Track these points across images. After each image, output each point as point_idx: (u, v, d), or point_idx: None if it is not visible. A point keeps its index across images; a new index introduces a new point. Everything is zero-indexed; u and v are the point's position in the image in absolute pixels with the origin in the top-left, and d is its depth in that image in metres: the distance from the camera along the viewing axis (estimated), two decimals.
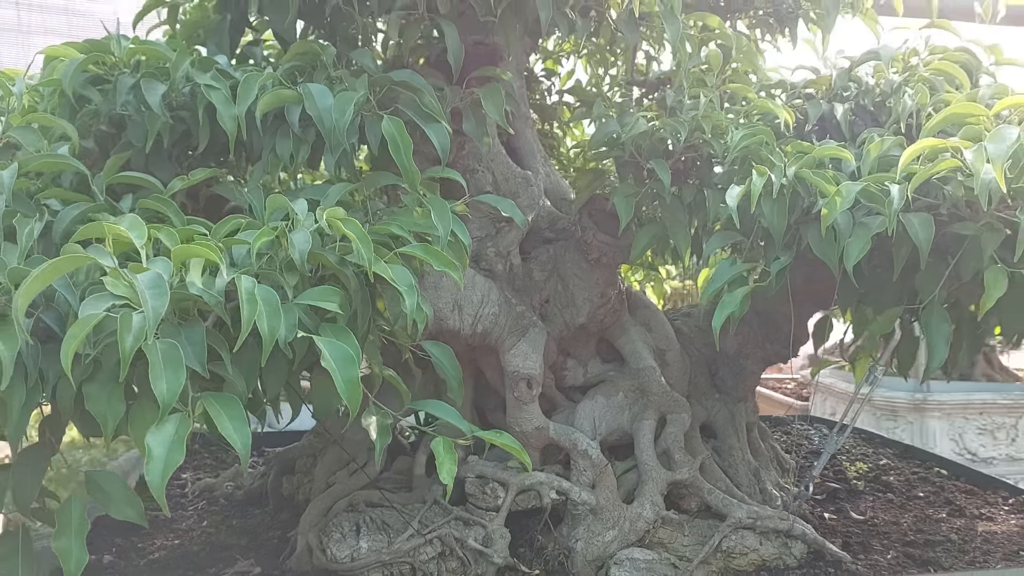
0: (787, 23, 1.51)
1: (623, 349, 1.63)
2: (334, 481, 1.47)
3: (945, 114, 1.04)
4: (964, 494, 1.81)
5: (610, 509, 1.39)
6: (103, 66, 1.14)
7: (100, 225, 0.79)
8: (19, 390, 0.77)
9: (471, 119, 1.20)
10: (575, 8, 1.22)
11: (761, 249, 1.19)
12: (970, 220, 1.01)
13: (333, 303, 0.87)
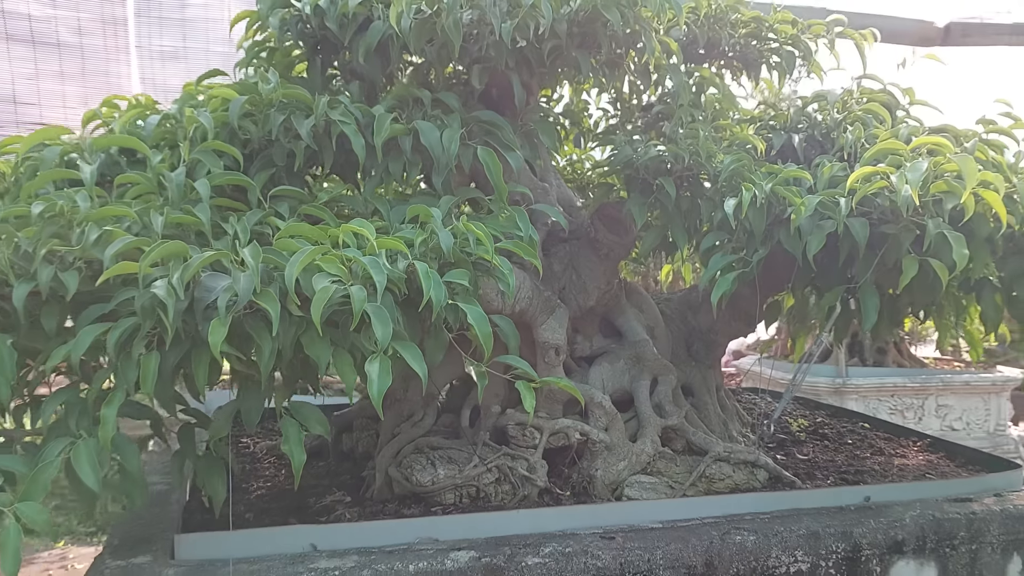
0: (752, 68, 1.93)
1: (621, 327, 2.03)
2: (399, 431, 1.82)
3: (876, 148, 1.46)
4: (884, 440, 2.27)
5: (620, 446, 1.78)
6: (253, 105, 1.47)
7: (328, 229, 1.15)
8: (267, 342, 1.11)
9: (527, 146, 1.59)
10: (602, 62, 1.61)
11: (742, 244, 1.60)
12: (893, 223, 1.44)
13: (464, 280, 1.24)
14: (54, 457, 1.10)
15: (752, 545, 1.51)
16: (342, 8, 1.50)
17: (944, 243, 1.34)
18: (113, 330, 1.09)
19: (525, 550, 1.41)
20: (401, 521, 1.49)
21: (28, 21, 5.83)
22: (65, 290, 1.12)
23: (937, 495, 1.75)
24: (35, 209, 1.16)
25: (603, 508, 1.60)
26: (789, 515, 1.62)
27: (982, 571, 1.66)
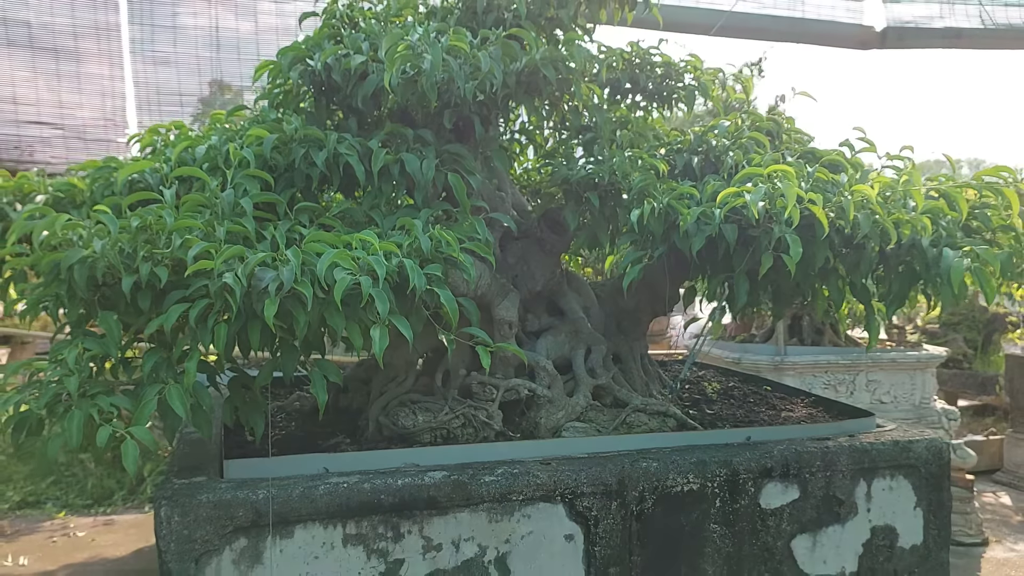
0: (666, 101, 2.43)
1: (563, 307, 2.53)
2: (386, 390, 2.31)
3: (743, 172, 1.96)
4: (779, 399, 2.80)
5: (560, 400, 2.29)
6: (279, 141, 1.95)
7: (341, 236, 1.63)
8: (302, 316, 1.59)
9: (486, 169, 2.08)
10: (544, 102, 2.10)
11: (647, 244, 2.10)
12: (754, 228, 1.94)
13: (438, 271, 1.73)
14: (152, 397, 1.58)
15: (654, 470, 2.02)
16: (345, 65, 1.97)
17: (791, 243, 1.85)
18: (193, 308, 1.57)
19: (483, 472, 1.92)
20: (391, 451, 1.99)
21: (27, 28, 6.22)
22: (158, 280, 1.59)
23: (803, 435, 2.28)
24: (133, 222, 1.63)
25: (544, 443, 2.11)
26: (686, 449, 2.14)
27: (835, 492, 2.19)
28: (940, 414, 6.51)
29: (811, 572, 2.16)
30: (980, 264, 1.86)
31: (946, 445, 2.29)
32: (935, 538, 2.27)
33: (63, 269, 1.58)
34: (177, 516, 1.69)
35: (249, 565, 1.73)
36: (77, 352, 1.55)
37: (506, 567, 1.90)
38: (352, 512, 1.79)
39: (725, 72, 2.65)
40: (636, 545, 2.00)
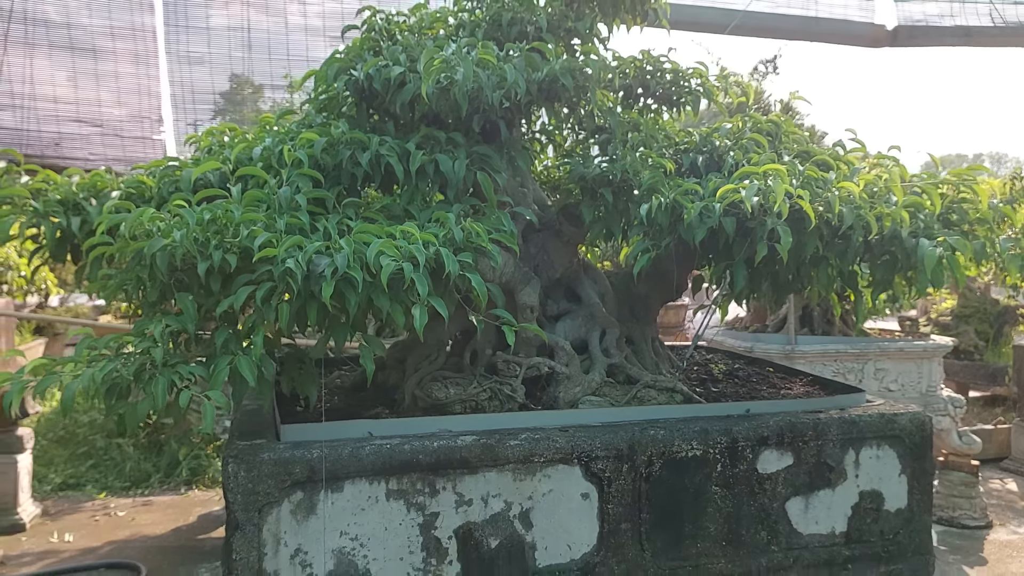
0: (675, 105, 2.66)
1: (580, 293, 2.77)
2: (420, 367, 2.55)
3: (740, 171, 2.19)
4: (780, 379, 3.03)
5: (576, 377, 2.53)
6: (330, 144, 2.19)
7: (384, 227, 1.88)
8: (352, 296, 1.84)
9: (510, 167, 2.32)
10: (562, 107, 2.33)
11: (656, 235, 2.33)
12: (751, 221, 2.17)
13: (469, 259, 1.97)
14: (224, 366, 1.83)
15: (662, 437, 2.26)
16: (386, 75, 2.22)
17: (783, 233, 2.08)
18: (259, 290, 1.82)
19: (509, 437, 2.16)
20: (427, 419, 2.24)
21: (67, 30, 6.51)
22: (228, 265, 1.84)
23: (797, 409, 2.51)
24: (205, 215, 1.88)
25: (562, 413, 2.35)
26: (690, 420, 2.37)
27: (826, 459, 2.42)
28: (946, 401, 6.69)
29: (804, 531, 2.39)
30: (952, 253, 2.08)
31: (928, 418, 2.52)
32: (919, 502, 2.49)
33: (147, 255, 1.83)
34: (243, 472, 1.95)
35: (304, 515, 1.98)
36: (162, 327, 1.81)
37: (529, 521, 2.14)
38: (394, 470, 2.04)
39: (728, 78, 2.87)
40: (645, 503, 2.23)
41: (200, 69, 6.55)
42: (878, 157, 2.56)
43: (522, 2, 2.44)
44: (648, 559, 2.24)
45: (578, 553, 2.19)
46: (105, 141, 6.78)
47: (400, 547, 2.05)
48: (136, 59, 6.66)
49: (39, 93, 6.58)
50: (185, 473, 7.06)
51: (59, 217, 2.20)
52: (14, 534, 5.84)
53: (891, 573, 2.46)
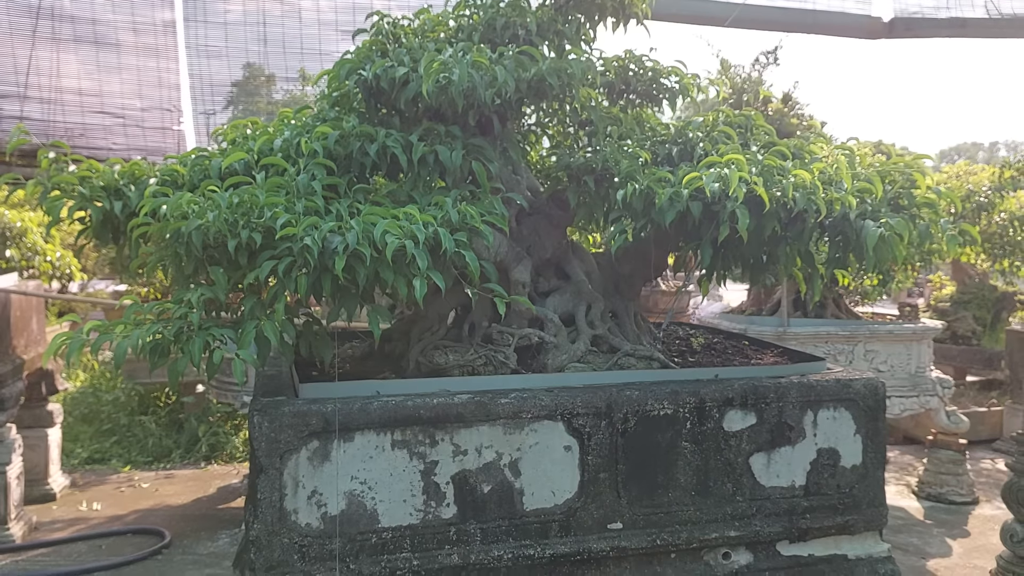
0: (655, 101, 2.93)
1: (569, 271, 3.05)
2: (422, 338, 2.84)
3: (705, 160, 2.46)
4: (754, 352, 3.30)
5: (563, 346, 2.81)
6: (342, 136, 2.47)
7: (390, 210, 2.16)
8: (361, 269, 2.12)
9: (501, 158, 2.60)
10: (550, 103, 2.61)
11: (633, 218, 2.60)
12: (715, 205, 2.44)
13: (464, 238, 2.25)
14: (251, 329, 2.12)
15: (636, 397, 2.54)
16: (391, 75, 2.50)
17: (740, 215, 2.35)
18: (280, 264, 2.11)
19: (500, 395, 2.45)
20: (428, 380, 2.53)
21: (92, 24, 6.81)
22: (253, 243, 2.13)
23: (762, 375, 2.78)
24: (234, 199, 2.17)
25: (548, 376, 2.63)
26: (663, 383, 2.65)
27: (786, 419, 2.69)
28: (935, 382, 6.95)
29: (767, 484, 2.67)
30: (892, 233, 2.35)
31: (882, 384, 2.78)
32: (872, 459, 2.77)
33: (184, 234, 2.12)
34: (266, 423, 2.24)
35: (319, 462, 2.28)
36: (197, 295, 2.10)
37: (518, 469, 2.43)
38: (398, 423, 2.33)
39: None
40: (621, 456, 2.52)
41: (217, 62, 6.84)
42: (841, 147, 2.82)
43: (514, 8, 2.71)
44: (624, 505, 2.52)
45: (561, 499, 2.48)
46: (127, 131, 7.08)
47: (404, 490, 2.34)
48: (157, 53, 6.96)
49: (65, 86, 6.88)
50: (204, 449, 7.42)
51: (103, 201, 2.49)
52: (45, 503, 6.21)
53: (847, 523, 2.74)
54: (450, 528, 2.38)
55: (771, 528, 2.67)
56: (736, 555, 2.66)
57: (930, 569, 5.44)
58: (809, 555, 2.73)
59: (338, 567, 2.27)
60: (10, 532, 5.21)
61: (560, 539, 2.47)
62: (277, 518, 2.25)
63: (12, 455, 5.25)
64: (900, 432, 9.00)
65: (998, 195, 6.77)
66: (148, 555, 5.11)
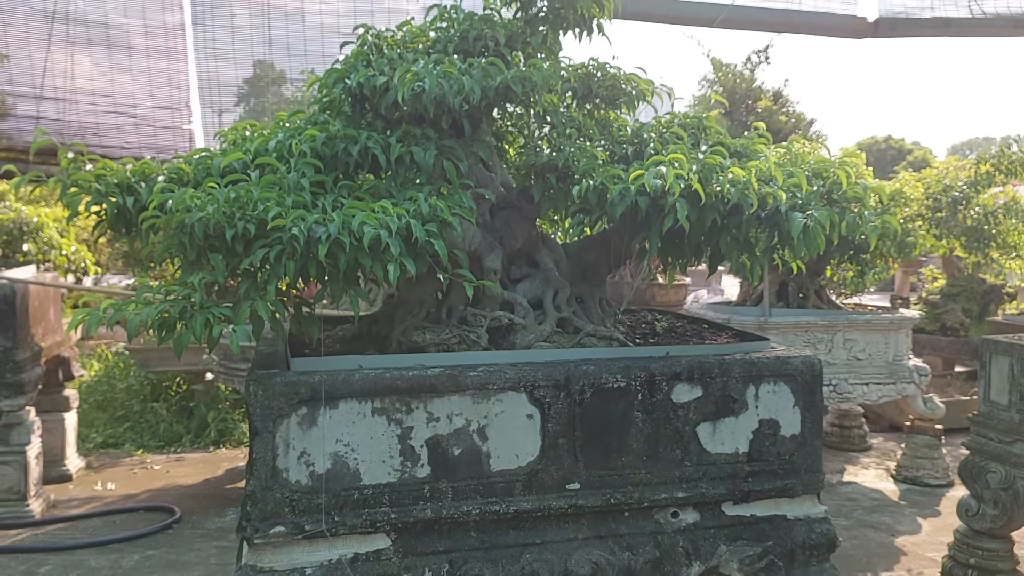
0: (614, 106, 3.22)
1: (538, 260, 3.35)
2: (404, 321, 3.14)
3: (652, 159, 2.76)
4: (710, 333, 3.60)
5: (531, 327, 3.11)
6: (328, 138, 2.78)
7: (368, 204, 2.46)
8: (342, 256, 2.42)
9: (472, 158, 2.90)
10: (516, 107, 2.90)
11: (589, 211, 2.90)
12: (659, 198, 2.73)
13: (435, 228, 2.55)
14: (246, 307, 2.43)
15: (592, 371, 2.84)
16: (373, 83, 2.80)
17: (679, 208, 2.64)
18: (271, 251, 2.41)
19: (468, 369, 2.75)
20: (405, 355, 2.83)
21: (105, 28, 7.14)
22: (248, 232, 2.44)
23: (709, 353, 3.07)
24: (231, 194, 2.48)
25: (513, 352, 2.93)
26: (618, 359, 2.95)
27: (730, 392, 2.98)
28: (912, 370, 7.22)
29: (712, 451, 2.97)
30: (815, 223, 2.64)
31: (818, 361, 3.07)
32: (810, 430, 3.06)
33: (188, 225, 2.43)
34: (261, 391, 2.55)
35: (308, 426, 2.58)
36: (199, 278, 2.41)
37: (485, 435, 2.74)
38: (377, 392, 2.63)
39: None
40: (578, 424, 2.82)
41: (225, 64, 7.15)
42: (781, 146, 3.11)
43: (486, 21, 3.01)
44: (581, 468, 2.83)
45: (524, 461, 2.78)
46: (139, 130, 7.41)
47: (383, 452, 2.65)
48: (167, 55, 7.28)
49: (79, 87, 7.22)
50: (213, 434, 7.76)
51: (116, 197, 2.80)
52: (62, 483, 6.56)
53: (786, 487, 3.03)
54: (424, 486, 2.69)
55: (716, 490, 2.97)
56: (684, 514, 2.96)
57: (897, 545, 5.73)
58: (751, 515, 3.02)
59: (324, 519, 2.58)
60: (30, 508, 5.55)
61: (523, 497, 2.77)
62: (270, 475, 2.56)
63: (31, 436, 5.58)
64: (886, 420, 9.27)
65: (974, 190, 7.02)
66: (160, 529, 5.45)
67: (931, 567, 5.22)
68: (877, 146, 44.62)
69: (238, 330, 2.39)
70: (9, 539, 5.23)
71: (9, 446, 5.44)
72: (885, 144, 45.85)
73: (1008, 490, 4.54)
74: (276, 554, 2.59)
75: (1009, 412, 4.52)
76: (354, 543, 2.65)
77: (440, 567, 2.70)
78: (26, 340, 5.53)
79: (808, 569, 3.06)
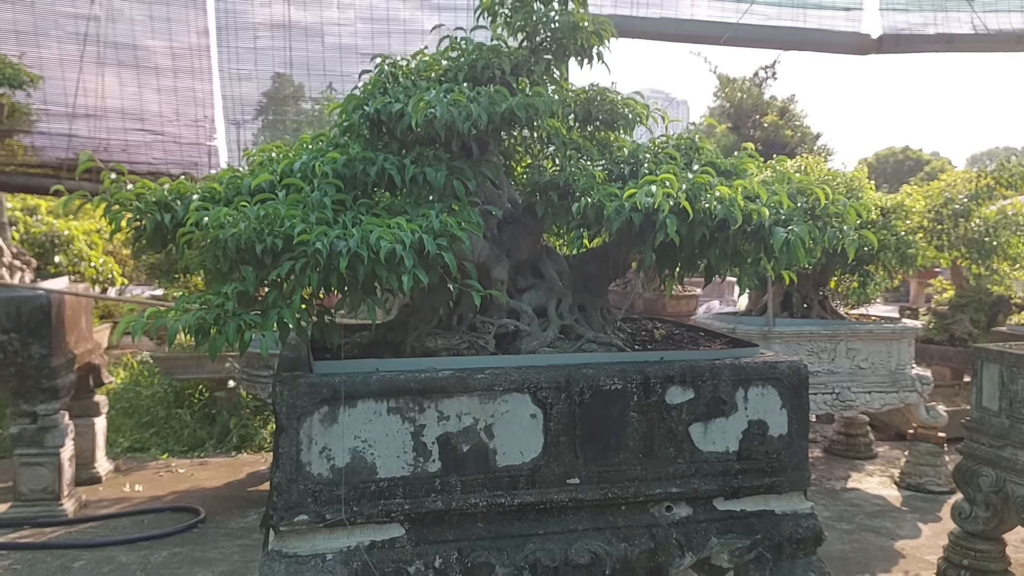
0: (613, 128, 3.46)
1: (543, 271, 3.59)
2: (417, 328, 3.38)
3: (645, 178, 2.99)
4: (705, 340, 3.82)
5: (536, 334, 3.34)
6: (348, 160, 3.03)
7: (385, 220, 2.71)
8: (360, 268, 2.67)
9: (479, 177, 3.14)
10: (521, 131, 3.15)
11: (588, 227, 3.13)
12: (652, 214, 2.96)
13: (445, 242, 2.79)
14: (273, 315, 2.67)
15: (591, 374, 3.07)
16: (389, 109, 3.05)
17: (669, 224, 2.87)
18: (297, 263, 2.66)
19: (476, 372, 2.98)
20: (418, 359, 3.07)
21: (133, 50, 7.46)
22: (276, 247, 2.69)
23: (701, 358, 3.30)
24: (260, 212, 2.73)
25: (519, 356, 3.17)
26: (615, 363, 3.18)
27: (720, 395, 3.20)
28: (914, 379, 7.39)
29: (704, 449, 3.19)
30: (796, 237, 2.86)
31: (804, 366, 3.29)
32: (796, 430, 3.27)
33: (222, 240, 2.68)
34: (286, 391, 2.80)
35: (329, 423, 2.83)
36: (232, 288, 2.66)
37: (492, 433, 2.97)
38: (392, 393, 2.87)
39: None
40: (579, 423, 3.05)
41: (248, 84, 7.45)
42: (769, 165, 3.34)
43: (493, 51, 3.26)
44: (581, 464, 3.05)
45: (528, 458, 3.01)
46: (165, 146, 7.72)
47: (397, 448, 2.89)
48: (192, 75, 7.59)
49: (109, 106, 7.53)
50: (235, 439, 8.03)
51: (155, 214, 3.06)
52: (92, 485, 6.85)
53: (774, 483, 3.25)
54: (435, 480, 2.92)
55: (708, 486, 3.18)
56: (677, 508, 3.18)
57: (896, 548, 5.91)
58: (741, 510, 3.23)
59: (343, 508, 2.82)
60: (63, 507, 5.83)
61: (527, 491, 3.00)
62: (295, 468, 2.80)
63: (65, 439, 5.86)
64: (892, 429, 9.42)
65: (974, 202, 7.20)
66: (185, 528, 5.71)
67: (928, 569, 5.40)
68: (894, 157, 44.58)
69: (267, 335, 2.64)
70: (44, 536, 5.51)
71: (44, 448, 5.72)
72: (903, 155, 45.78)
73: (999, 493, 4.72)
74: (299, 541, 2.83)
75: (999, 418, 4.71)
76: (371, 531, 2.88)
77: (450, 555, 2.93)
78: (61, 347, 5.82)
79: (795, 561, 3.26)
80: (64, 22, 7.15)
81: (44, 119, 7.36)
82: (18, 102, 6.94)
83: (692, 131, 3.66)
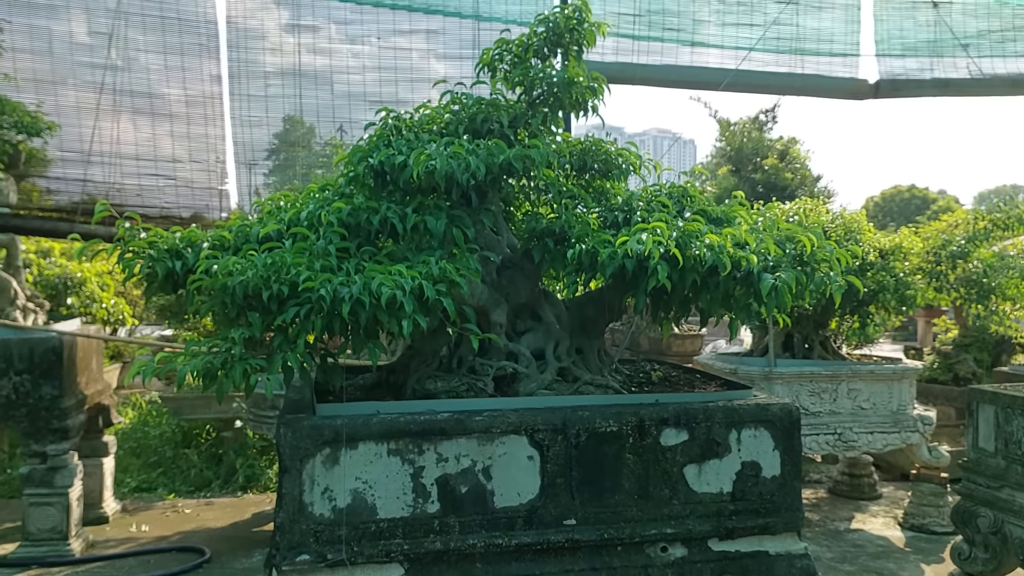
0: (609, 177, 3.58)
1: (541, 314, 3.69)
2: (418, 370, 3.48)
3: (636, 227, 3.10)
4: (701, 382, 3.90)
5: (534, 376, 3.43)
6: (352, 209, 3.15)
7: (387, 267, 2.82)
8: (363, 313, 2.77)
9: (478, 225, 3.26)
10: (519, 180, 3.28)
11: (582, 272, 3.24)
12: (644, 260, 3.06)
13: (444, 288, 2.90)
14: (279, 359, 2.78)
15: (587, 416, 3.15)
16: (392, 161, 3.18)
17: (660, 270, 2.97)
18: (301, 309, 2.77)
19: (474, 414, 3.07)
20: (418, 402, 3.17)
21: (149, 98, 7.66)
22: (282, 293, 2.80)
23: (694, 400, 3.38)
24: (268, 260, 2.85)
25: (515, 399, 3.26)
26: (611, 406, 3.26)
27: (714, 437, 3.28)
28: (916, 420, 7.42)
29: (698, 490, 3.26)
30: (783, 283, 2.96)
31: (796, 408, 3.37)
32: (789, 471, 3.34)
33: (230, 286, 2.80)
34: (290, 433, 2.89)
35: (331, 465, 2.92)
36: (239, 333, 2.77)
37: (489, 474, 3.05)
38: (393, 435, 2.97)
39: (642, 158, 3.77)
40: (575, 464, 3.13)
41: (259, 129, 7.64)
42: (759, 212, 3.44)
43: (492, 105, 3.40)
44: (577, 505, 3.13)
45: (525, 499, 3.09)
46: (178, 191, 7.89)
47: (397, 489, 2.97)
48: (205, 121, 7.79)
49: (124, 152, 7.72)
50: (241, 480, 8.09)
51: (167, 261, 3.18)
52: (99, 524, 6.92)
53: (768, 524, 3.31)
54: (434, 520, 3.00)
55: (702, 527, 3.25)
56: (672, 549, 3.24)
57: None
58: (736, 551, 3.29)
59: (344, 548, 2.90)
60: (71, 547, 5.89)
61: (524, 531, 3.07)
62: (297, 508, 2.88)
63: (74, 479, 5.95)
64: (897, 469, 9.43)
65: (972, 244, 7.29)
66: (191, 568, 5.77)
67: None
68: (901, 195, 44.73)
69: (272, 378, 2.74)
70: None
71: (53, 488, 5.79)
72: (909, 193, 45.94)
73: (997, 534, 4.75)
74: None
75: (995, 458, 4.75)
76: (371, 571, 2.95)
77: None
78: (72, 388, 5.92)
79: None
80: (81, 71, 7.38)
81: (60, 164, 7.56)
82: (35, 148, 7.13)
83: (690, 178, 3.79)
